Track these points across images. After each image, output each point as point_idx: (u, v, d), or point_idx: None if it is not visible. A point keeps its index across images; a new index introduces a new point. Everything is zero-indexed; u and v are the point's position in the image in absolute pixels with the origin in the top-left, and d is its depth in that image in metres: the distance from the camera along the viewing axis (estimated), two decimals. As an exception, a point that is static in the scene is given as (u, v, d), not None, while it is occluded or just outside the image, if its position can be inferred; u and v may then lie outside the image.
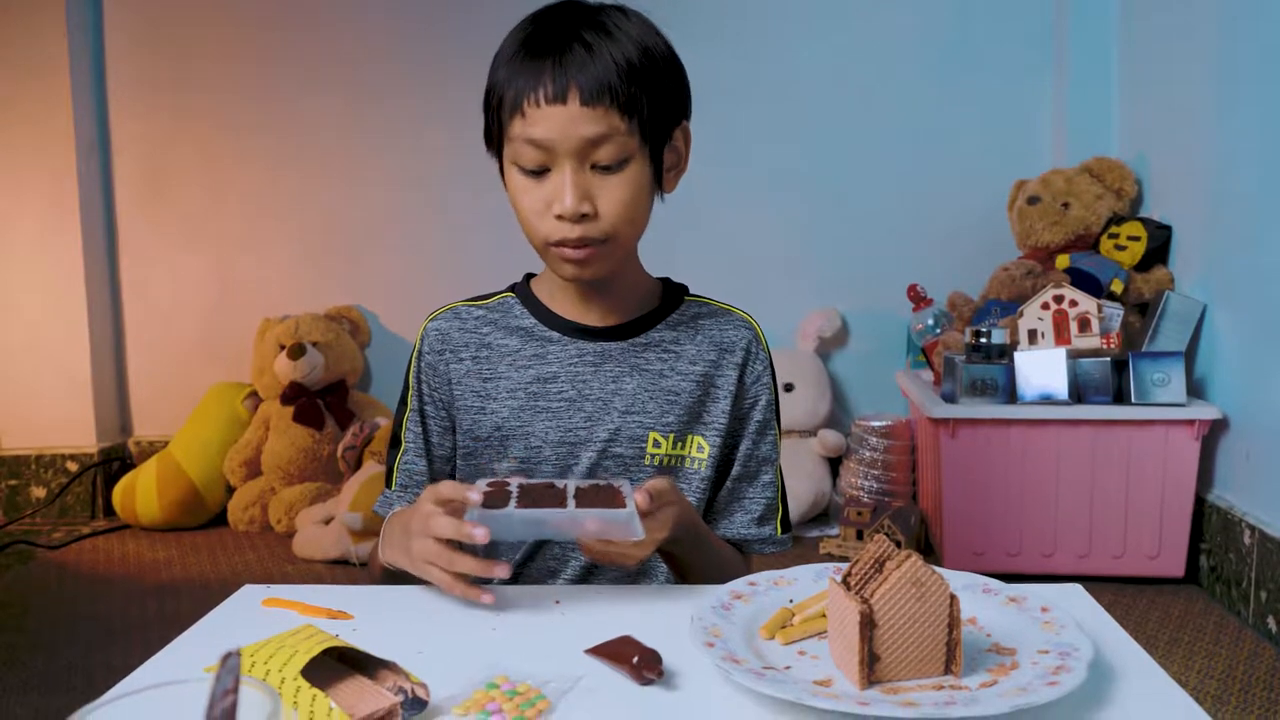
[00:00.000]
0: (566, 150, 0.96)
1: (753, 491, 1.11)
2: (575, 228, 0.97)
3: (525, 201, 1.00)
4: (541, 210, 0.98)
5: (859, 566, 0.75)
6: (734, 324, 1.12)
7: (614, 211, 0.98)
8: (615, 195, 0.98)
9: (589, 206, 0.97)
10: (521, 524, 0.86)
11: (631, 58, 0.96)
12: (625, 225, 1.00)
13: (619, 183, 0.98)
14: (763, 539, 1.11)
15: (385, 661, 0.73)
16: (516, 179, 1.00)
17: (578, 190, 0.96)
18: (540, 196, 0.98)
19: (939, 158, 3.15)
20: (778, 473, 1.13)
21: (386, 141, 3.34)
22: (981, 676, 0.72)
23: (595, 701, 0.72)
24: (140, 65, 3.41)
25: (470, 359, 1.09)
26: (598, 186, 0.98)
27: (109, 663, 2.09)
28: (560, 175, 0.97)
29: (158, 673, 0.78)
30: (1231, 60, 2.34)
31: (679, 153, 1.07)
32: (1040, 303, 2.45)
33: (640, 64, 0.97)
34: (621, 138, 0.96)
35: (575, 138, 0.95)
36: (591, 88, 0.94)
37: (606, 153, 0.96)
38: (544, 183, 0.98)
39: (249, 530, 3.11)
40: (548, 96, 0.94)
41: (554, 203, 0.97)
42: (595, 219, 0.98)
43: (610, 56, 0.95)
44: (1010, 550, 2.47)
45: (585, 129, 0.95)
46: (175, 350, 3.47)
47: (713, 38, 3.20)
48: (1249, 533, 2.19)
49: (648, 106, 0.98)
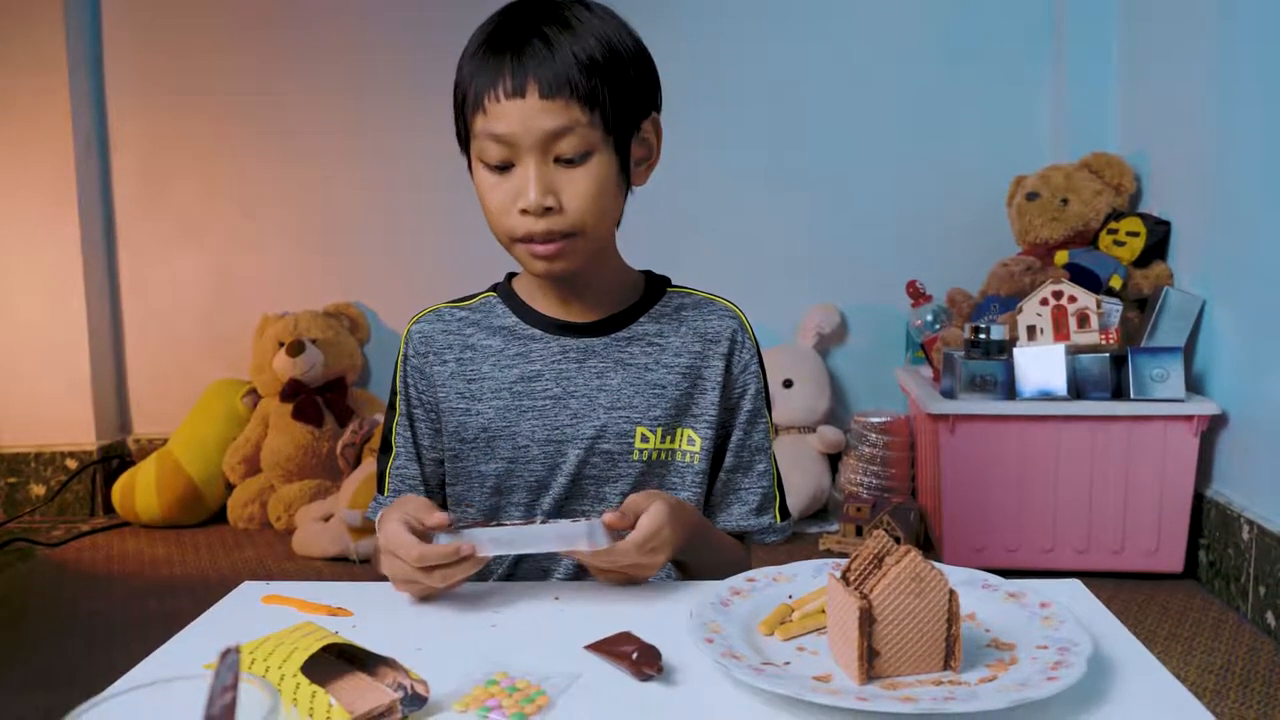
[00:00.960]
0: (528, 144, 0.96)
1: (748, 482, 1.11)
2: (540, 221, 0.97)
3: (491, 198, 1.00)
4: (507, 206, 0.98)
5: (858, 562, 0.75)
6: (718, 313, 1.12)
7: (579, 205, 0.98)
8: (579, 188, 0.98)
9: (553, 200, 0.97)
10: (489, 541, 0.87)
11: (592, 51, 0.96)
12: (591, 218, 0.99)
13: (582, 175, 0.98)
14: (762, 529, 1.11)
15: (385, 658, 0.73)
16: (482, 175, 1.00)
17: (541, 184, 0.96)
18: (505, 192, 0.98)
19: (938, 154, 3.15)
20: (772, 460, 1.13)
21: (385, 138, 3.34)
22: (981, 672, 0.72)
23: (594, 697, 0.72)
24: (139, 62, 3.41)
25: (454, 360, 1.09)
26: (562, 180, 0.98)
27: (109, 660, 2.09)
28: (524, 170, 0.97)
29: (157, 670, 0.78)
30: (1231, 56, 2.34)
31: (649, 145, 1.06)
32: (1039, 298, 2.45)
33: (602, 57, 0.97)
34: (583, 130, 0.96)
35: (536, 131, 0.95)
36: (549, 81, 0.94)
37: (568, 145, 0.96)
38: (508, 178, 0.98)
39: (248, 527, 3.11)
40: (507, 91, 0.95)
41: (519, 197, 0.97)
42: (560, 212, 0.98)
43: (570, 50, 0.95)
44: (1009, 546, 2.47)
45: (545, 122, 0.95)
46: (174, 347, 3.47)
47: (710, 34, 3.20)
48: (1248, 528, 2.19)
49: (610, 99, 0.97)
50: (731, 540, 1.11)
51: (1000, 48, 3.11)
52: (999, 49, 3.11)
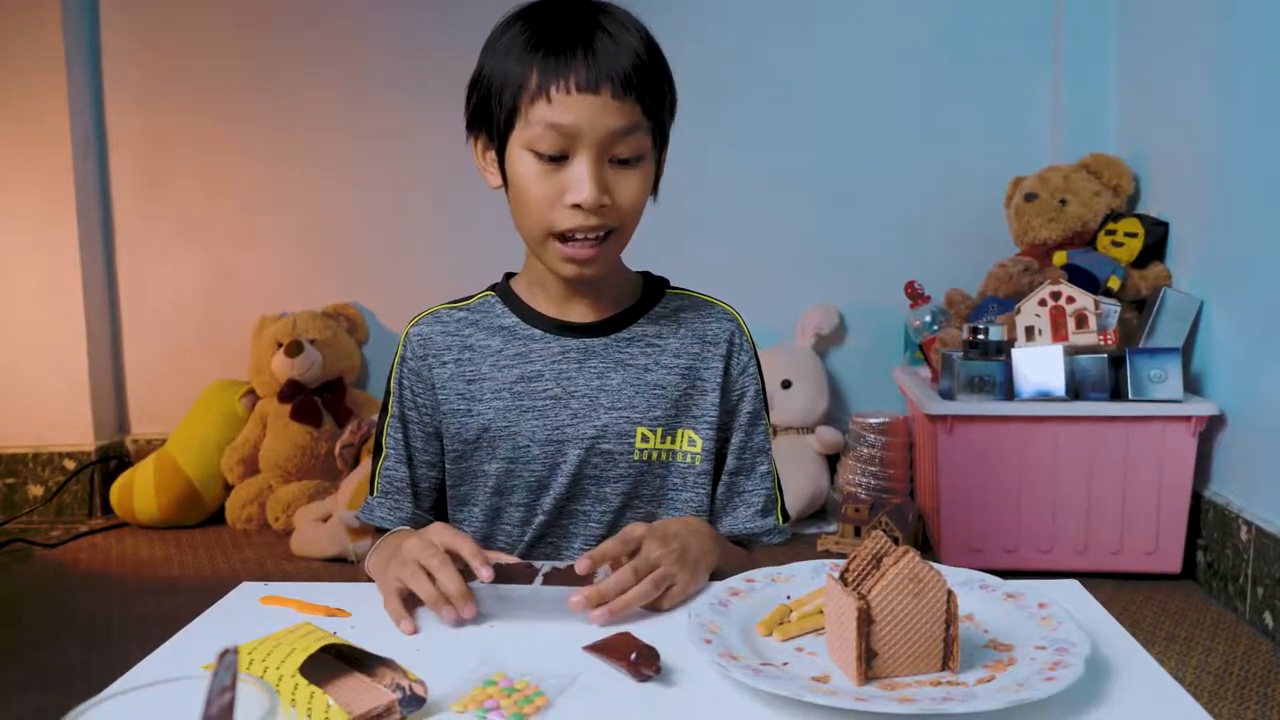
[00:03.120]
0: (591, 140, 0.95)
1: (751, 484, 1.11)
2: (591, 218, 0.97)
3: (536, 189, 0.98)
4: (554, 198, 0.97)
5: (856, 563, 0.75)
6: (716, 316, 1.12)
7: (629, 205, 0.99)
8: (633, 189, 0.99)
9: (608, 198, 0.97)
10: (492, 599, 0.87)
11: (648, 58, 0.97)
12: (632, 220, 1.01)
13: (635, 176, 0.99)
14: (768, 530, 1.11)
15: (383, 659, 0.73)
16: (528, 165, 0.97)
17: (599, 181, 0.96)
18: (554, 184, 0.97)
19: (937, 155, 3.15)
20: (772, 462, 1.13)
21: (384, 138, 3.34)
22: (979, 672, 0.72)
23: (593, 698, 0.72)
24: (137, 62, 3.40)
25: (453, 362, 1.09)
26: (615, 179, 0.98)
27: (107, 661, 2.09)
28: (580, 165, 0.96)
29: (156, 670, 0.78)
30: (1229, 57, 2.34)
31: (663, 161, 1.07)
32: (1037, 299, 2.45)
33: (653, 62, 0.98)
34: (641, 133, 0.98)
35: (602, 128, 0.95)
36: (623, 81, 0.94)
37: (627, 146, 0.97)
38: (558, 171, 0.97)
39: (247, 528, 3.11)
40: (579, 84, 0.94)
41: (568, 192, 0.96)
42: (610, 210, 0.98)
43: (635, 52, 0.96)
44: (1008, 546, 2.47)
45: (614, 120, 0.95)
46: (172, 348, 3.47)
47: (710, 35, 3.20)
48: (1245, 528, 2.19)
49: (662, 109, 1.00)
50: (739, 549, 1.11)
51: (999, 49, 3.12)
52: (998, 50, 3.12)
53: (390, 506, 1.10)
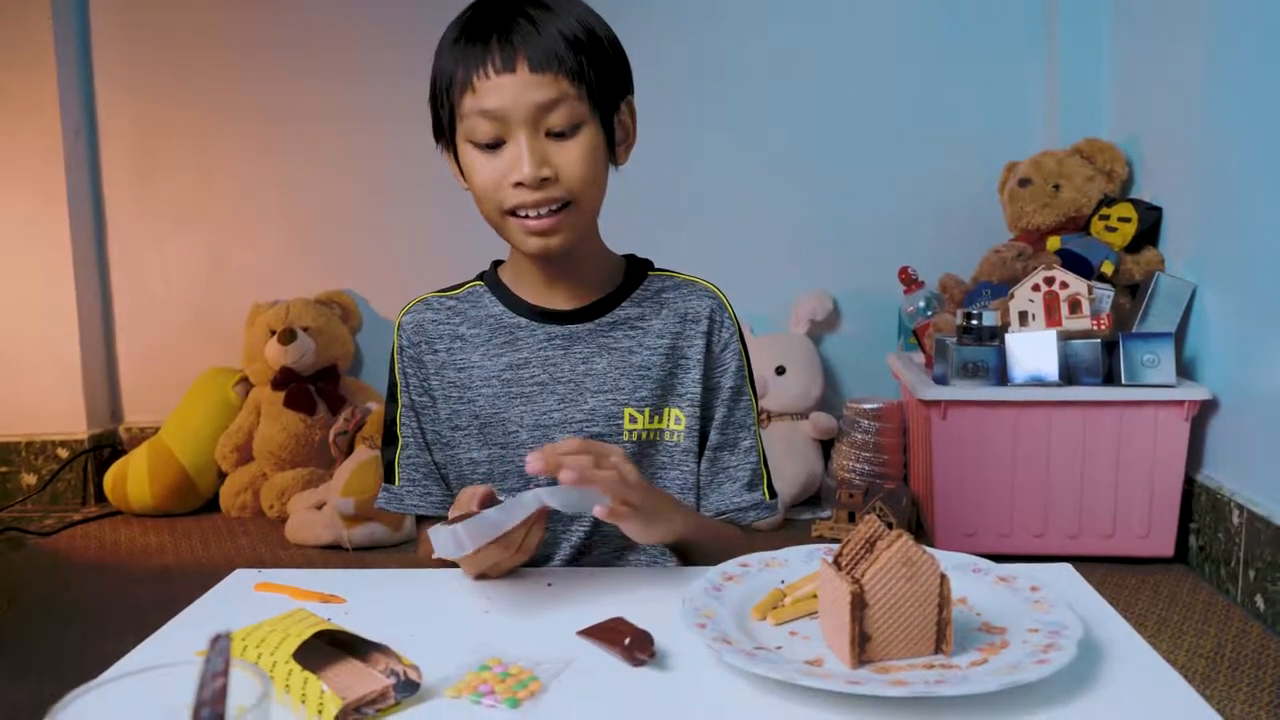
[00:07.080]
0: (519, 118, 0.97)
1: (735, 459, 1.11)
2: (535, 193, 0.98)
3: (481, 176, 1.00)
4: (498, 180, 0.99)
5: (850, 547, 0.75)
6: (697, 294, 1.12)
7: (573, 174, 0.99)
8: (572, 157, 0.99)
9: (549, 170, 0.98)
10: (495, 516, 0.85)
11: (575, 29, 0.98)
12: (585, 187, 1.01)
13: (574, 146, 0.99)
14: (755, 504, 1.11)
15: (377, 644, 0.73)
16: (471, 156, 1.01)
17: (535, 155, 0.97)
18: (496, 168, 0.99)
19: (930, 140, 3.14)
20: (757, 438, 1.13)
21: (377, 125, 3.32)
22: (972, 655, 0.72)
23: (587, 683, 0.72)
24: (127, 49, 3.38)
25: (445, 350, 1.10)
26: (554, 151, 0.98)
27: (101, 648, 2.09)
28: (515, 144, 0.97)
29: (150, 657, 0.78)
30: (1223, 42, 2.34)
31: (626, 126, 1.08)
32: (1031, 285, 2.45)
33: (584, 35, 0.99)
34: (572, 102, 0.98)
35: (527, 104, 0.96)
36: (538, 56, 0.96)
37: (559, 117, 0.97)
38: (499, 155, 0.99)
39: (241, 516, 3.11)
40: (496, 67, 0.96)
41: (510, 172, 0.98)
42: (556, 182, 0.99)
43: (554, 28, 0.97)
44: (1001, 531, 2.48)
45: (536, 95, 0.96)
46: (165, 336, 3.46)
47: (704, 20, 3.19)
48: (1238, 512, 2.20)
49: (594, 75, 0.99)
50: (732, 529, 1.11)
51: (993, 34, 3.11)
52: (992, 35, 3.11)
53: (420, 494, 1.10)
